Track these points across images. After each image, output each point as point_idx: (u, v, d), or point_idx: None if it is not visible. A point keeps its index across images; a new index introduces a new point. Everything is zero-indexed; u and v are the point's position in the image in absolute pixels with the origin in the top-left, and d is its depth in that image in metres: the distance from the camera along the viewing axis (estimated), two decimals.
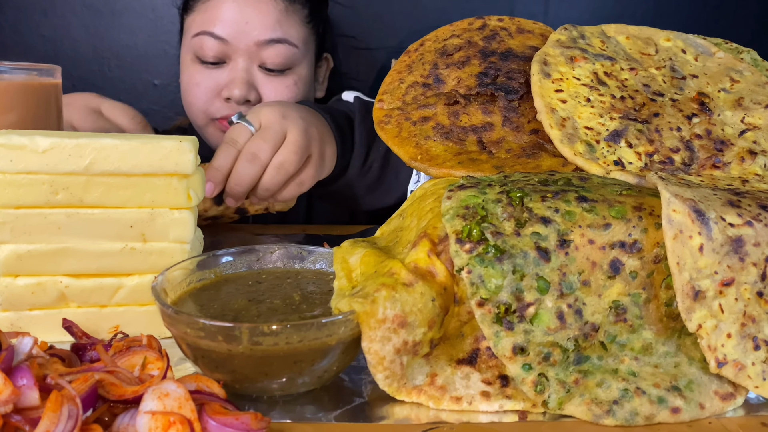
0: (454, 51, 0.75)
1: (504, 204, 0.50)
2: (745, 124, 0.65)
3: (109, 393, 0.42)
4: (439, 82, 0.73)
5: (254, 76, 1.05)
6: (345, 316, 0.46)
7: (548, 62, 0.68)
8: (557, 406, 0.47)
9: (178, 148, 0.55)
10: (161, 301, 0.48)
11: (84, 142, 0.54)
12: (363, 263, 0.53)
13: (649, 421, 0.47)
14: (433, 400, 0.48)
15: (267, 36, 1.03)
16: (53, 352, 0.47)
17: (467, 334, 0.50)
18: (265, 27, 1.04)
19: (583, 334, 0.48)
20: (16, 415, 0.38)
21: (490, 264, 0.47)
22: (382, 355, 0.47)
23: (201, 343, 0.46)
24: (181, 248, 0.57)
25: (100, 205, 0.55)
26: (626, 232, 0.49)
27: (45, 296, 0.55)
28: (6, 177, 0.53)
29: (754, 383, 0.49)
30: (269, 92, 1.06)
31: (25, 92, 0.71)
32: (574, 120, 0.64)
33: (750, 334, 0.49)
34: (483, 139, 0.67)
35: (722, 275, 0.48)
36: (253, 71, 1.05)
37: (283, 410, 0.47)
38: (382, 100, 0.75)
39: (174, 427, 0.39)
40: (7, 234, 0.54)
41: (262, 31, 1.03)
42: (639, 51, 0.72)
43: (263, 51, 1.04)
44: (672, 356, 0.50)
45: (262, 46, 1.04)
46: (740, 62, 0.71)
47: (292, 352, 0.45)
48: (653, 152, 0.62)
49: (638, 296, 0.49)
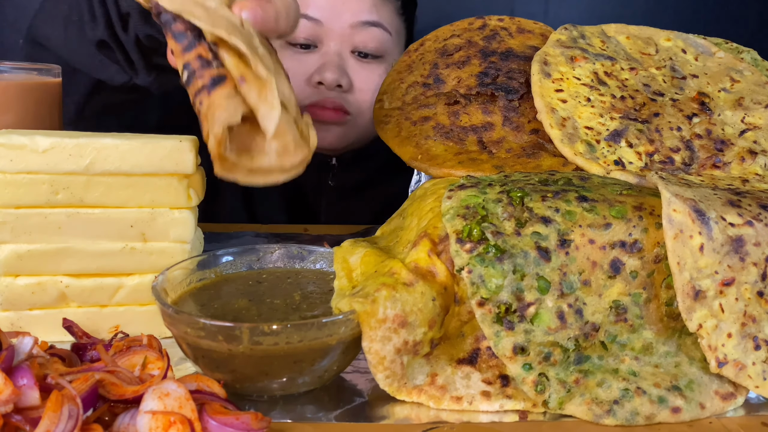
0: (455, 51, 0.75)
1: (504, 204, 0.50)
2: (746, 123, 0.65)
3: (109, 393, 0.42)
4: (439, 81, 0.73)
5: (346, 62, 1.00)
6: (345, 315, 0.46)
7: (548, 62, 0.68)
8: (558, 406, 0.47)
9: (178, 147, 0.55)
10: (161, 301, 0.48)
11: (84, 142, 0.54)
12: (363, 263, 0.53)
13: (650, 420, 0.47)
14: (434, 400, 0.48)
15: (363, 18, 0.99)
16: (53, 352, 0.47)
17: (468, 333, 0.50)
18: (361, 9, 0.99)
19: (584, 334, 0.48)
20: (16, 414, 0.38)
21: (491, 264, 0.47)
22: (382, 354, 0.47)
23: (201, 343, 0.46)
24: (182, 248, 0.57)
25: (101, 204, 0.55)
26: (627, 232, 0.49)
27: (45, 296, 0.55)
28: (6, 177, 0.53)
29: (754, 383, 0.49)
30: (361, 79, 1.00)
31: (24, 91, 0.71)
32: (574, 120, 0.64)
33: (750, 334, 0.49)
34: (483, 139, 0.67)
35: (723, 275, 0.48)
36: (345, 56, 1.00)
37: (283, 410, 0.47)
38: (382, 100, 0.75)
39: (174, 426, 0.39)
40: (8, 234, 0.54)
41: (358, 13, 0.98)
42: (639, 51, 0.72)
43: (357, 34, 0.99)
44: (672, 356, 0.50)
45: (356, 29, 0.99)
46: (740, 62, 0.71)
47: (292, 352, 0.45)
48: (653, 152, 0.62)
49: (639, 296, 0.49)
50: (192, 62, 0.47)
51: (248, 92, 0.46)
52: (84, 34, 0.77)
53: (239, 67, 0.46)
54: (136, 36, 0.75)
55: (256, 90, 0.46)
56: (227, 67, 0.46)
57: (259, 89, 0.46)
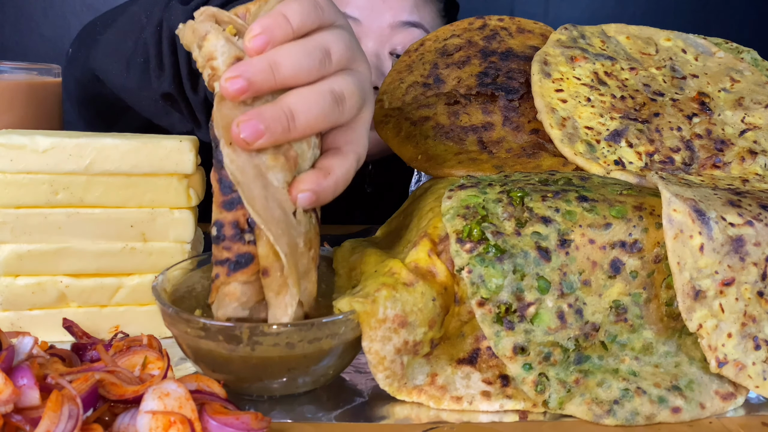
0: (454, 51, 0.75)
1: (504, 204, 0.50)
2: (746, 123, 0.65)
3: (109, 393, 0.42)
4: (439, 81, 0.73)
5: (383, 63, 0.96)
6: (345, 315, 0.46)
7: (548, 62, 0.68)
8: (558, 406, 0.47)
9: (178, 147, 0.55)
10: (161, 301, 0.48)
11: (84, 142, 0.54)
12: (363, 263, 0.53)
13: (650, 420, 0.47)
14: (434, 400, 0.48)
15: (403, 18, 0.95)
16: (53, 352, 0.47)
17: (468, 333, 0.50)
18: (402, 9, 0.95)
19: (584, 334, 0.48)
20: (16, 414, 0.38)
21: (491, 264, 0.47)
22: (382, 354, 0.47)
23: (201, 343, 0.46)
24: (182, 248, 0.57)
25: (101, 204, 0.55)
26: (627, 232, 0.49)
27: (45, 296, 0.55)
28: (6, 177, 0.53)
29: (754, 383, 0.49)
30: None
31: (25, 91, 0.71)
32: (574, 120, 0.64)
33: (750, 334, 0.49)
34: (483, 139, 0.67)
35: (723, 275, 0.48)
36: (383, 57, 0.96)
37: (283, 410, 0.47)
38: (382, 100, 0.75)
39: (174, 426, 0.39)
40: (8, 234, 0.54)
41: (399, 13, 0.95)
42: (639, 51, 0.72)
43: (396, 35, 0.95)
44: (672, 356, 0.50)
45: (396, 29, 0.95)
46: (740, 62, 0.71)
47: (292, 352, 0.45)
48: (653, 152, 0.62)
49: (639, 296, 0.49)
50: (225, 225, 0.44)
51: (268, 286, 0.44)
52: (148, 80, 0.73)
53: (268, 258, 0.43)
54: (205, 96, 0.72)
55: (276, 290, 0.44)
56: (257, 249, 0.44)
57: (279, 289, 0.44)
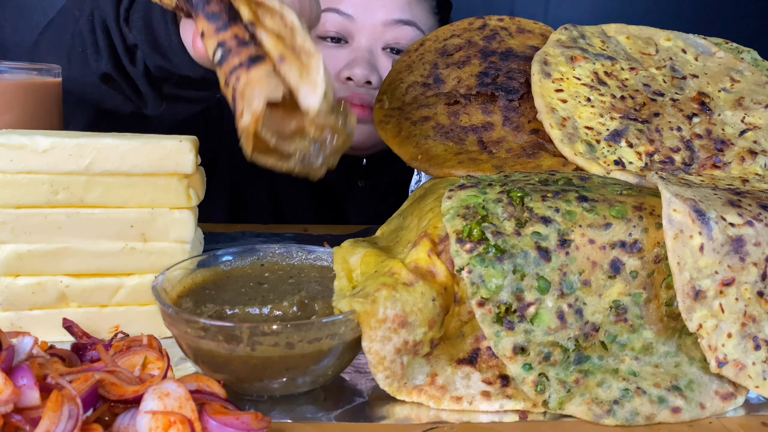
0: (455, 51, 0.75)
1: (504, 204, 0.50)
2: (746, 123, 0.65)
3: (109, 393, 0.42)
4: (439, 81, 0.73)
5: (377, 58, 0.97)
6: (345, 316, 0.46)
7: (548, 62, 0.68)
8: (558, 406, 0.47)
9: (178, 147, 0.55)
10: (162, 301, 0.48)
11: (84, 142, 0.54)
12: (363, 263, 0.53)
13: (650, 420, 0.47)
14: (434, 400, 0.48)
15: (396, 16, 0.97)
16: (53, 352, 0.47)
17: (468, 333, 0.50)
18: (395, 6, 0.97)
19: (584, 334, 0.48)
20: (16, 414, 0.38)
21: (491, 264, 0.47)
22: (382, 354, 0.47)
23: (201, 343, 0.46)
24: (182, 248, 0.57)
25: (101, 204, 0.55)
26: (627, 232, 0.49)
27: (45, 296, 0.55)
28: (6, 177, 0.53)
29: (754, 383, 0.49)
30: None
31: (24, 91, 0.71)
32: (574, 120, 0.64)
33: (750, 334, 0.49)
34: (483, 139, 0.67)
35: (723, 275, 0.48)
36: (376, 52, 0.98)
37: (283, 410, 0.47)
38: (382, 100, 0.75)
39: (174, 426, 0.39)
40: (8, 234, 0.54)
41: (391, 11, 0.97)
42: (639, 51, 0.72)
43: (389, 32, 0.97)
44: (672, 356, 0.50)
45: (388, 27, 0.97)
46: (740, 62, 0.71)
47: (292, 352, 0.45)
48: (653, 152, 0.62)
49: (639, 296, 0.49)
50: (228, 41, 0.45)
51: (288, 72, 0.44)
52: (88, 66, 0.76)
53: (278, 47, 0.44)
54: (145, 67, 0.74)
55: (297, 70, 0.44)
56: (266, 47, 0.45)
57: (300, 69, 0.44)
